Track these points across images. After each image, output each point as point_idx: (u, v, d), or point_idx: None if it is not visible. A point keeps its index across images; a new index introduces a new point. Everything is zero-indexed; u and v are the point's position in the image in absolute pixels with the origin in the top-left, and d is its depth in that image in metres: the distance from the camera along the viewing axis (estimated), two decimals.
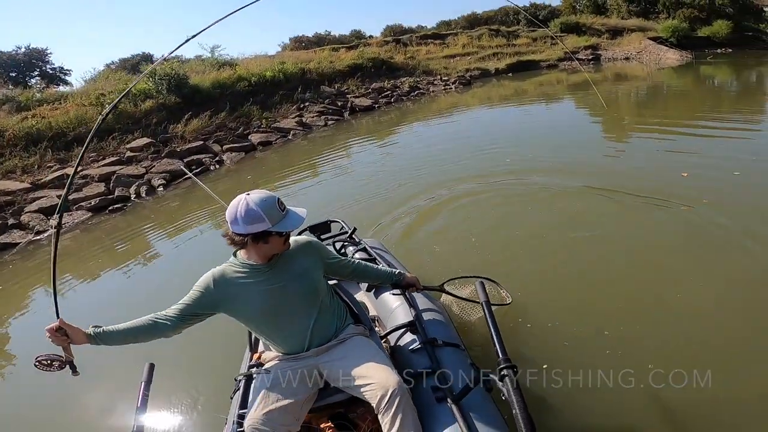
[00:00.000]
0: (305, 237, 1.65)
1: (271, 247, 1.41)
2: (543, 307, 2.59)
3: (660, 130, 6.76)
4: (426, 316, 1.85)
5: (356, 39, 23.51)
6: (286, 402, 1.39)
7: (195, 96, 10.64)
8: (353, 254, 2.43)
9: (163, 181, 6.94)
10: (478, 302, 2.16)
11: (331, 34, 26.84)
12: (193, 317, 1.44)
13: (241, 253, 1.45)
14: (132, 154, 7.81)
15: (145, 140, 8.24)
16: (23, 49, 17.42)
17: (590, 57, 19.11)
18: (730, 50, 18.57)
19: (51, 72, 17.62)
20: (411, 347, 1.68)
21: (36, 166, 7.26)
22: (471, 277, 2.39)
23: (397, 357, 1.68)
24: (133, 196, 6.53)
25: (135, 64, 16.87)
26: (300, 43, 25.76)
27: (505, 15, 26.90)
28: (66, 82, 17.08)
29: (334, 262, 1.66)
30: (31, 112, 8.66)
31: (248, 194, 1.34)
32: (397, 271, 1.87)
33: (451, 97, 14.89)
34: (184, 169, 7.60)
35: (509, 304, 2.45)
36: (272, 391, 1.42)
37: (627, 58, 18.89)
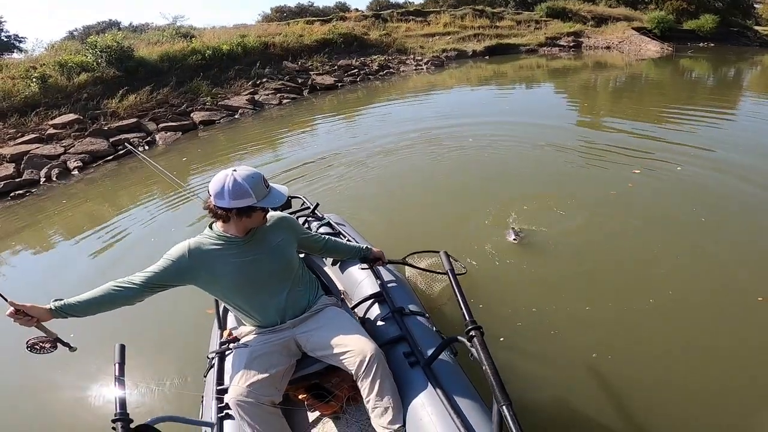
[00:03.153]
0: (279, 213, 1.66)
1: (253, 221, 1.45)
2: (497, 282, 2.86)
3: (629, 120, 7.06)
4: (392, 286, 1.91)
5: (339, 11, 22.59)
6: (267, 374, 1.42)
7: (139, 69, 10.25)
8: (317, 229, 2.48)
9: (80, 163, 6.74)
10: (440, 272, 2.37)
11: (314, 5, 25.77)
12: (159, 287, 1.43)
13: (218, 226, 1.48)
14: (54, 131, 7.54)
15: (71, 116, 7.96)
16: None
17: (571, 44, 18.55)
18: (713, 45, 18.11)
19: (6, 40, 16.74)
20: (380, 317, 1.75)
21: None
22: (431, 252, 2.53)
23: (367, 327, 1.70)
24: (42, 180, 6.25)
25: (99, 32, 16.12)
26: (281, 14, 24.77)
27: None
28: (21, 50, 16.30)
29: (306, 238, 1.71)
30: None
31: (234, 170, 1.38)
32: (365, 246, 1.92)
33: (424, 77, 14.51)
34: (127, 144, 7.41)
35: (464, 273, 2.59)
36: (252, 364, 1.45)
37: (608, 47, 18.38)
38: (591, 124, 7.07)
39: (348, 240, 2.21)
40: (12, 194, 5.84)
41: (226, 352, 1.65)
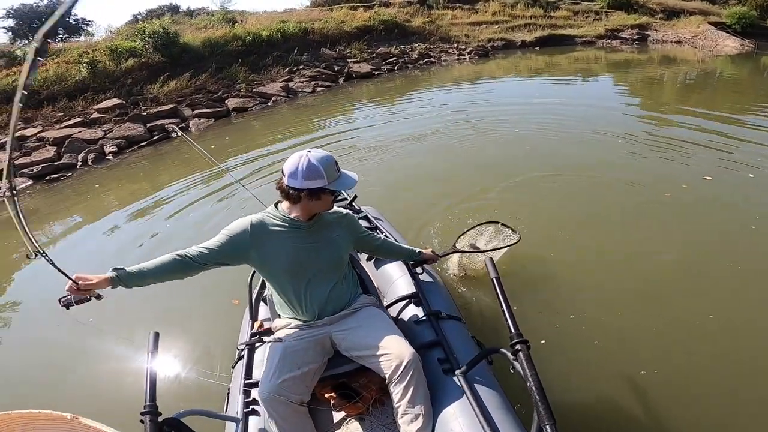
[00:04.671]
0: (343, 210, 1.68)
1: (320, 204, 1.45)
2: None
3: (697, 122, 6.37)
4: (428, 288, 1.88)
5: None
6: (299, 371, 1.41)
7: (183, 55, 10.59)
8: None
9: (115, 148, 7.12)
10: (483, 250, 2.41)
11: None
12: (215, 263, 1.43)
13: (284, 206, 1.49)
14: (98, 115, 7.99)
15: (115, 101, 8.39)
16: (45, 0, 17.15)
17: (635, 37, 16.95)
18: None
19: (73, 23, 17.70)
20: (415, 319, 1.71)
21: None
22: (479, 225, 2.54)
23: (400, 327, 1.67)
24: (79, 164, 6.58)
25: (159, 16, 16.73)
26: None
27: None
28: (89, 33, 17.24)
29: (363, 237, 1.70)
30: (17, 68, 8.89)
31: (309, 151, 1.39)
32: (417, 250, 1.90)
33: (467, 67, 13.93)
34: (174, 126, 7.73)
35: (518, 241, 2.50)
36: (285, 360, 1.43)
37: (679, 42, 16.61)
38: (653, 120, 6.46)
39: (386, 236, 2.17)
40: (47, 177, 6.13)
41: (257, 345, 1.63)
